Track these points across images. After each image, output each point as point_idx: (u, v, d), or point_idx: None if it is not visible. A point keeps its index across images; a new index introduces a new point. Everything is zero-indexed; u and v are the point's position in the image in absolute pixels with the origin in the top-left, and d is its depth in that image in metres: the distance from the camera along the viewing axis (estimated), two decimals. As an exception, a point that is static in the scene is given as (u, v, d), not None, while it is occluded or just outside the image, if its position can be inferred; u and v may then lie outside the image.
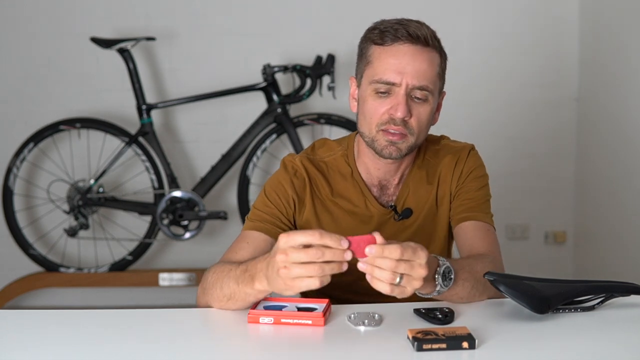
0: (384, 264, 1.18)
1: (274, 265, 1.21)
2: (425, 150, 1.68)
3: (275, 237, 1.53)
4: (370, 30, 1.55)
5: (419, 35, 1.48)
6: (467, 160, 1.66)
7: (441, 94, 1.59)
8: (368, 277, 1.20)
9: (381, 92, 1.51)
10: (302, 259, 1.16)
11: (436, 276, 1.33)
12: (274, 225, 1.58)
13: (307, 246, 1.17)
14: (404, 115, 1.49)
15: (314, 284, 1.17)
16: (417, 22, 1.52)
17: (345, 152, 1.66)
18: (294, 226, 1.63)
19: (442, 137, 1.73)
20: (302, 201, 1.62)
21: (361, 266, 1.20)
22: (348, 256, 1.17)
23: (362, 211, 1.64)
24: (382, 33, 1.50)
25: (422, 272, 1.21)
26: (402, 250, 1.18)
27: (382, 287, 1.20)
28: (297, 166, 1.63)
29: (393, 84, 1.49)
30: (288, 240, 1.18)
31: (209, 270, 1.48)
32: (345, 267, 1.18)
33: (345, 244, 1.16)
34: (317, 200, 1.63)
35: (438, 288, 1.34)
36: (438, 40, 1.53)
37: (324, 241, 1.16)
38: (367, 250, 1.18)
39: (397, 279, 1.20)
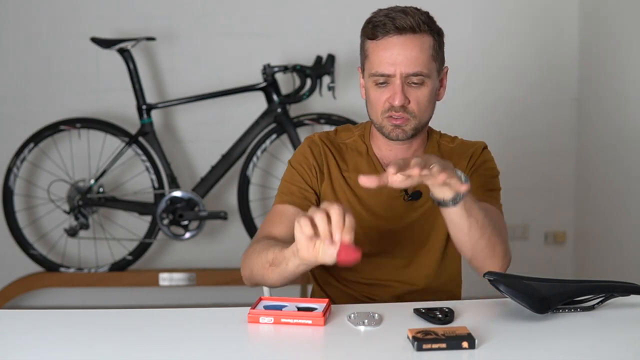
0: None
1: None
2: (439, 143, 1.78)
3: (304, 209, 1.67)
4: (365, 25, 1.65)
5: (404, 25, 1.58)
6: (481, 155, 1.77)
7: (442, 71, 1.67)
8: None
9: (380, 83, 1.62)
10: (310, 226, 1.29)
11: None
12: (303, 197, 1.71)
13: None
14: (401, 103, 1.61)
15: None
16: (404, 11, 1.61)
17: (363, 133, 1.78)
18: (317, 194, 1.73)
19: (456, 137, 1.82)
20: (322, 171, 1.74)
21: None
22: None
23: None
24: (374, 28, 1.62)
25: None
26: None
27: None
28: (316, 141, 1.76)
29: (388, 75, 1.61)
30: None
31: (250, 249, 1.62)
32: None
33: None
34: (333, 174, 1.73)
35: (459, 179, 1.38)
36: (428, 23, 1.61)
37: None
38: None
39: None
